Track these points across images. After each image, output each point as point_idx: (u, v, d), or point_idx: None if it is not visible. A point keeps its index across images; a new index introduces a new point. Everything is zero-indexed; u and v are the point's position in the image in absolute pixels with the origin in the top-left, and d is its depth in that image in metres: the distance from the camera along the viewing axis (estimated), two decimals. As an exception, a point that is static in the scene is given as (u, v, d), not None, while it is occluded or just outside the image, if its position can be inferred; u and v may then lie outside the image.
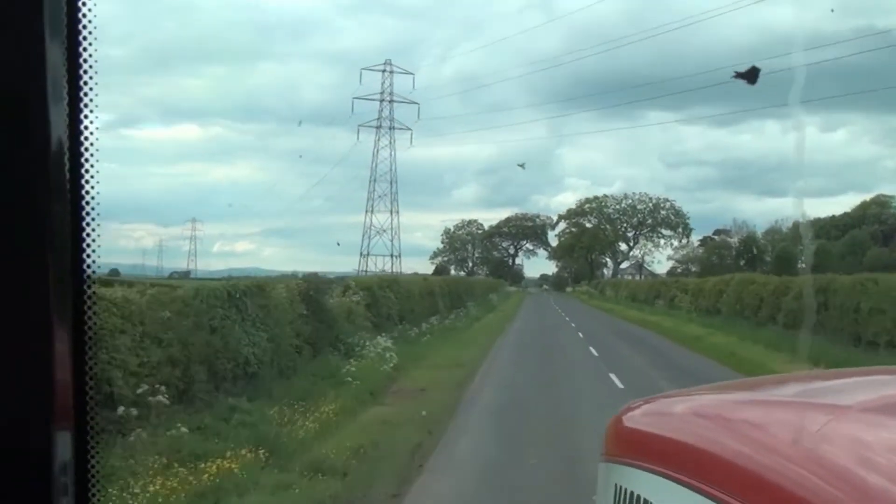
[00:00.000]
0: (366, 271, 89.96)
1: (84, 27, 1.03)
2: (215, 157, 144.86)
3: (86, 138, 1.04)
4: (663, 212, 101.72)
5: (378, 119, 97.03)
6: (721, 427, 1.35)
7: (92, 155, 1.04)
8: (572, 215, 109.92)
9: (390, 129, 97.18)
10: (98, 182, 1.04)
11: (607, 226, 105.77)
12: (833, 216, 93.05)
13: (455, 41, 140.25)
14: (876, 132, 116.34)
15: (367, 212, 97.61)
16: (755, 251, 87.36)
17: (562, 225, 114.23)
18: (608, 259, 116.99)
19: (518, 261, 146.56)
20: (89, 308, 1.04)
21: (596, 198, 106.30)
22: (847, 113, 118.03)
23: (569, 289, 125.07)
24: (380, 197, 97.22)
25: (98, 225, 1.04)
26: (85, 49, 1.03)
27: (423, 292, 33.44)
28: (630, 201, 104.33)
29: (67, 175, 1.01)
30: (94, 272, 1.05)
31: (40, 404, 0.95)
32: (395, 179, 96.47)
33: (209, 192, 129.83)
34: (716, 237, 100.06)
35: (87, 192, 1.04)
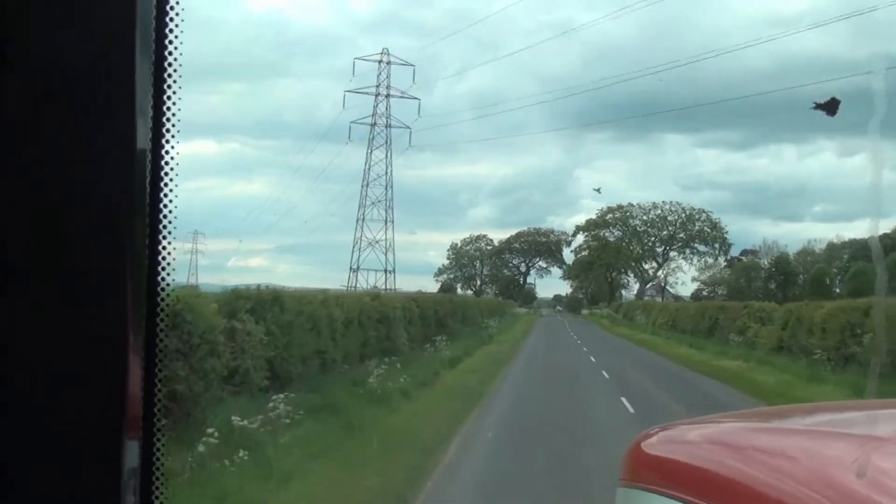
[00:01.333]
0: (354, 287, 76.82)
1: (170, 40, 1.05)
2: (231, 173, 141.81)
3: (167, 152, 1.06)
4: (698, 224, 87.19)
5: (373, 116, 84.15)
6: (738, 454, 1.34)
7: (172, 169, 1.07)
8: (592, 226, 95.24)
9: (387, 127, 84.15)
10: (177, 196, 1.07)
11: (632, 240, 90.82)
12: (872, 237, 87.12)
13: (471, 60, 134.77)
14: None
15: (358, 220, 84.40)
16: (786, 273, 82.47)
17: (580, 239, 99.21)
18: (631, 278, 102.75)
19: (530, 279, 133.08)
20: (161, 321, 1.07)
21: (620, 207, 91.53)
22: (865, 138, 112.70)
23: (585, 311, 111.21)
24: (373, 204, 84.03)
25: (173, 240, 1.07)
26: (170, 63, 1.06)
27: (356, 320, 19.79)
28: (659, 212, 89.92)
29: (148, 189, 1.04)
30: (170, 288, 1.08)
31: (114, 414, 1.01)
32: (390, 184, 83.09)
33: (226, 207, 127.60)
34: (743, 258, 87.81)
35: (166, 206, 1.06)
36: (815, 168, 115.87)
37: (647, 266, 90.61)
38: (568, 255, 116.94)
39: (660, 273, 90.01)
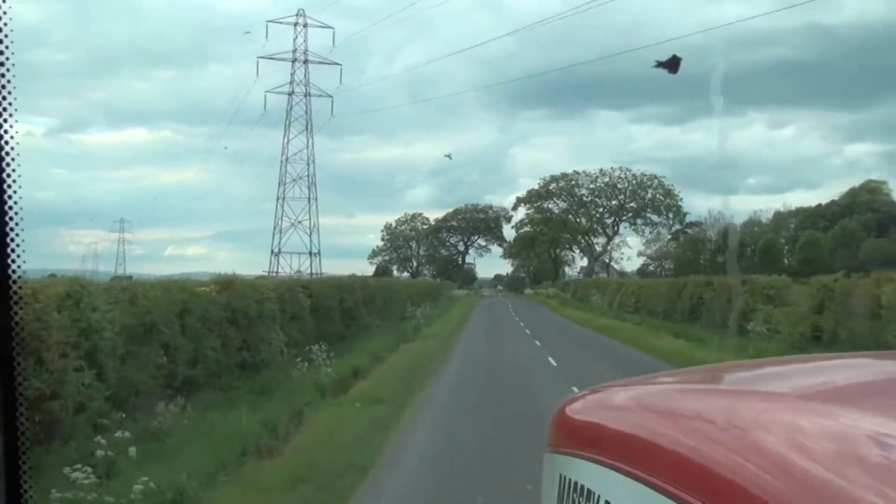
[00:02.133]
0: (276, 272, 66.56)
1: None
2: (164, 161, 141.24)
3: (6, 142, 1.04)
4: (650, 191, 79.46)
5: (291, 84, 73.85)
6: (660, 416, 1.36)
7: (13, 159, 1.04)
8: (534, 198, 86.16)
9: (306, 95, 73.89)
10: (21, 187, 1.04)
11: (579, 211, 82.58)
12: (819, 205, 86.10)
13: (404, 42, 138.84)
14: (823, 129, 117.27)
15: (278, 199, 74.05)
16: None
17: (521, 213, 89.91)
18: (579, 254, 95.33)
19: (469, 259, 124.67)
20: (15, 314, 1.02)
21: (565, 175, 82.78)
22: (795, 110, 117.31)
23: (528, 291, 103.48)
24: (294, 181, 73.83)
25: (22, 231, 1.02)
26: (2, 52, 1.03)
27: (172, 323, 10.56)
28: (608, 179, 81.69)
29: None
30: (18, 277, 1.02)
31: None
32: (312, 159, 73.03)
33: (161, 196, 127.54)
34: (689, 231, 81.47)
35: (10, 198, 1.03)
36: (747, 141, 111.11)
37: (595, 240, 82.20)
38: (509, 233, 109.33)
39: (609, 247, 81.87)
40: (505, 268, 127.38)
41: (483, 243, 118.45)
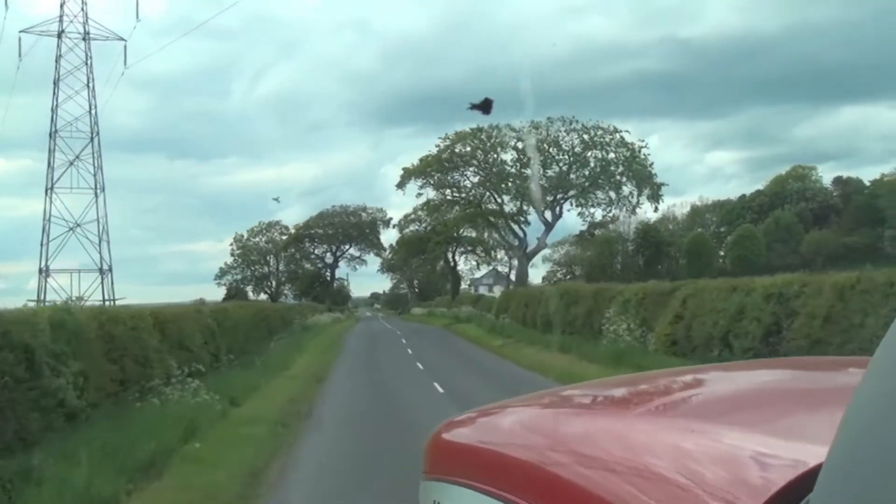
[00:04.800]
0: (42, 301, 42.63)
1: None
2: (27, 190, 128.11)
3: None
4: (611, 153, 55.41)
5: (60, 21, 50.39)
6: (546, 440, 1.31)
7: None
8: (432, 168, 58.20)
9: (84, 39, 50.70)
10: None
11: (501, 185, 56.52)
12: (743, 196, 78.83)
13: (270, 62, 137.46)
14: (686, 138, 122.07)
15: (46, 191, 50.35)
16: (657, 244, 66.72)
17: (411, 192, 61.19)
18: (497, 255, 76.05)
19: (341, 274, 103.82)
20: None
21: (479, 130, 55.35)
22: (659, 120, 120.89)
23: (417, 310, 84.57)
24: (70, 164, 50.20)
25: None
26: None
27: None
28: (547, 134, 55.36)
29: None
30: None
31: None
32: (97, 130, 50.12)
33: (25, 225, 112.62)
34: (594, 232, 65.29)
35: None
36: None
37: (521, 228, 59.47)
38: (388, 238, 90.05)
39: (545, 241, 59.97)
40: (382, 283, 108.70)
41: (356, 253, 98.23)
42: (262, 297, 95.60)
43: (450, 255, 78.67)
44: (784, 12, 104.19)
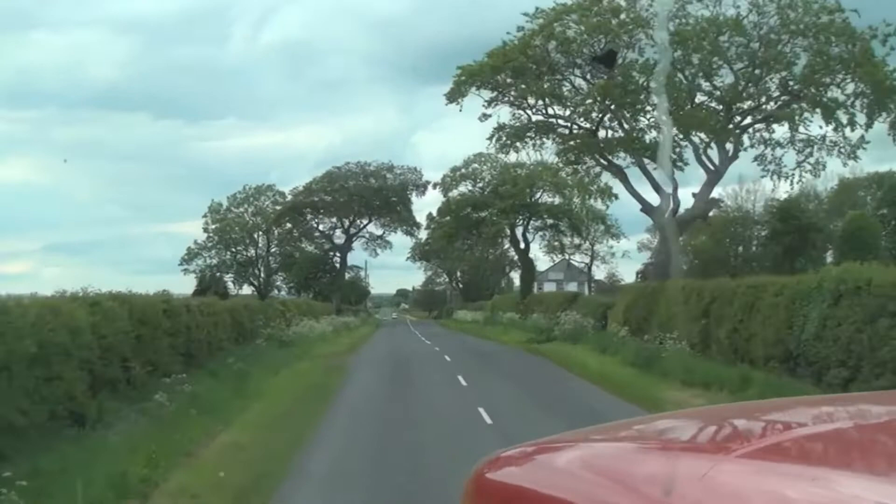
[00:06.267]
0: None
1: None
2: None
3: None
4: (833, 47, 28.26)
5: None
6: (594, 479, 1.22)
7: None
8: (516, 61, 29.36)
9: None
10: None
11: (643, 107, 29.58)
12: None
13: (278, 2, 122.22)
14: None
15: None
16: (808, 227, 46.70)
17: (471, 112, 38.15)
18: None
19: (356, 261, 76.38)
20: None
21: (562, 5, 27.94)
22: None
23: (462, 313, 57.09)
24: None
25: None
26: None
27: None
28: (708, 12, 27.78)
29: None
30: None
31: None
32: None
33: None
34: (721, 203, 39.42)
35: None
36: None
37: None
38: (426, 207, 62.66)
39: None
40: (412, 277, 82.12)
41: (378, 231, 70.49)
42: (247, 290, 68.50)
43: (518, 233, 50.72)
44: None
